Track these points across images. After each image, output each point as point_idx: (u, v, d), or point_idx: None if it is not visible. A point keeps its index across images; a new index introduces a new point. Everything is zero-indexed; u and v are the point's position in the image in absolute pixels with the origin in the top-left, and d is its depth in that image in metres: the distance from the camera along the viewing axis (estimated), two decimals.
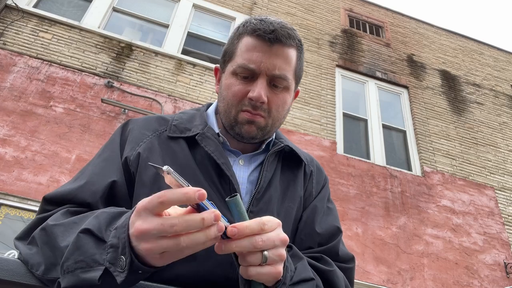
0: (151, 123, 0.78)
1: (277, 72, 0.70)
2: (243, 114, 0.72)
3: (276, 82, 0.72)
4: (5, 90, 4.24)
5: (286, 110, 0.77)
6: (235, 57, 0.74)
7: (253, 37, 0.71)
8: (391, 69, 6.77)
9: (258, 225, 0.49)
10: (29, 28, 4.85)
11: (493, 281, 4.71)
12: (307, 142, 5.20)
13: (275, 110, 0.73)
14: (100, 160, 0.72)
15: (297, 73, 0.77)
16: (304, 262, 0.63)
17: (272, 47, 0.70)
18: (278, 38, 0.70)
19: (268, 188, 0.73)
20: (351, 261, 0.76)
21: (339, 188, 4.89)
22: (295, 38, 0.74)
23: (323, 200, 0.82)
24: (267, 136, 0.76)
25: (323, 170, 0.90)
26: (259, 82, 0.70)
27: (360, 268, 4.28)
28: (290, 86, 0.74)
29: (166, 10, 6.02)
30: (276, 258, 0.50)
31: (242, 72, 0.71)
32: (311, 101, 5.72)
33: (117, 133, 0.77)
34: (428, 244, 4.78)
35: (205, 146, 0.71)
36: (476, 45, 8.11)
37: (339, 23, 7.11)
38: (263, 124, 0.72)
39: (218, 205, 0.61)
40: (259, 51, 0.70)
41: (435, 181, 5.48)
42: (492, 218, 5.37)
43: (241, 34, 0.74)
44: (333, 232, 0.76)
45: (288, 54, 0.72)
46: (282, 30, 0.71)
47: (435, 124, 6.25)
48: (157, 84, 4.98)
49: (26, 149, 3.91)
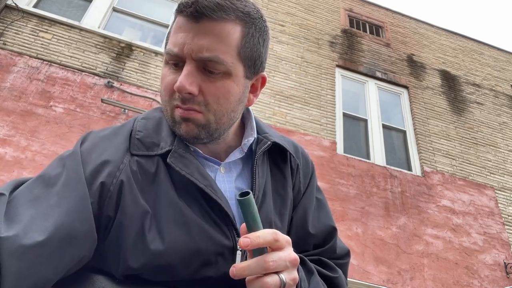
0: (122, 137, 0.60)
1: (205, 54, 0.55)
2: (176, 111, 0.58)
3: (209, 67, 0.56)
4: (5, 90, 4.24)
5: (233, 101, 0.60)
6: (167, 43, 0.60)
7: (179, 15, 0.57)
8: (391, 69, 6.77)
9: (272, 235, 0.46)
10: (29, 28, 4.85)
11: (493, 281, 4.71)
12: (307, 142, 5.20)
13: (214, 102, 0.57)
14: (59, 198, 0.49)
15: (245, 54, 0.59)
16: (316, 278, 0.61)
17: (199, 24, 0.55)
18: (200, 11, 0.54)
19: (264, 198, 0.63)
20: (347, 256, 0.74)
21: (339, 188, 4.89)
22: (234, 9, 0.56)
23: (311, 195, 0.74)
24: (216, 135, 0.61)
25: (309, 157, 0.79)
26: (184, 68, 0.56)
27: (360, 268, 4.29)
28: (231, 71, 0.57)
29: (166, 10, 6.02)
30: (291, 282, 0.47)
31: (170, 59, 0.58)
32: (311, 101, 5.72)
33: (77, 154, 0.55)
34: (428, 244, 4.78)
35: (181, 169, 0.57)
36: (476, 45, 8.11)
37: (339, 23, 7.11)
38: (203, 121, 0.58)
39: (212, 230, 0.56)
40: (183, 30, 0.56)
41: (435, 181, 5.48)
42: (492, 218, 5.37)
43: (174, 15, 0.60)
44: (328, 232, 0.71)
45: (222, 30, 0.55)
46: (208, 1, 0.54)
47: (435, 124, 6.25)
48: (157, 84, 4.98)
49: (26, 149, 3.91)
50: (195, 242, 0.54)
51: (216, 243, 0.55)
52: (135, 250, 0.52)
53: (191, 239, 0.54)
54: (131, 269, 0.52)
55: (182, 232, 0.54)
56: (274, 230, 0.47)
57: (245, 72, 0.60)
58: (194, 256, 0.53)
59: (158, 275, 0.53)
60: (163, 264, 0.52)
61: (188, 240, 0.53)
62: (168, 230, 0.53)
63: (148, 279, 0.53)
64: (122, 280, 0.52)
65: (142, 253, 0.52)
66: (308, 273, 0.60)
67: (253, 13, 0.59)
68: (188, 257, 0.53)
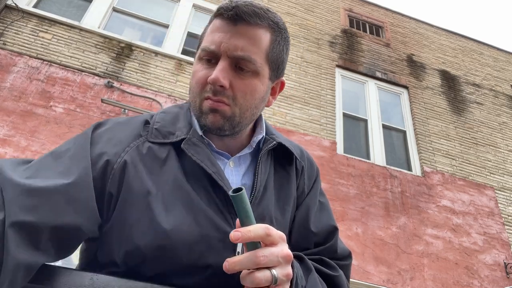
0: (136, 125, 0.67)
1: (240, 53, 0.62)
2: (206, 102, 0.64)
3: (241, 64, 0.63)
4: (5, 90, 4.24)
5: (257, 99, 0.66)
6: (201, 42, 0.68)
7: (218, 18, 0.65)
8: (391, 69, 6.77)
9: (264, 229, 0.46)
10: (29, 28, 4.85)
11: (493, 281, 4.71)
12: (307, 142, 5.20)
13: (241, 97, 0.64)
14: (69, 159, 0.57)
15: (271, 57, 0.66)
16: (314, 275, 0.61)
17: (236, 27, 0.63)
18: (240, 15, 0.62)
19: (264, 192, 0.67)
20: (348, 258, 0.75)
21: (339, 188, 4.89)
22: (267, 18, 0.65)
23: (315, 196, 0.77)
24: (237, 129, 0.67)
25: (314, 162, 0.84)
26: (219, 63, 0.62)
27: (360, 268, 4.29)
28: (260, 71, 0.65)
29: (166, 10, 6.02)
30: (284, 278, 0.47)
31: (205, 55, 0.65)
32: (311, 101, 5.72)
33: (87, 134, 0.63)
34: (428, 244, 4.78)
35: (193, 155, 0.62)
36: (476, 45, 8.12)
37: (339, 23, 7.11)
38: (229, 113, 0.64)
39: (216, 217, 0.59)
40: (221, 31, 0.63)
41: (435, 181, 5.48)
42: (492, 218, 5.37)
43: (211, 18, 0.68)
44: (329, 231, 0.73)
45: (255, 34, 0.64)
46: (247, 7, 0.63)
47: (435, 124, 6.25)
48: (157, 84, 4.98)
49: (26, 149, 3.91)
50: (199, 226, 0.57)
51: (220, 229, 0.58)
52: (141, 226, 0.56)
53: (196, 222, 0.57)
54: (135, 248, 0.55)
55: (188, 215, 0.57)
56: (266, 225, 0.47)
57: (269, 74, 0.68)
58: (198, 239, 0.56)
59: (160, 258, 0.55)
60: (167, 245, 0.55)
61: (193, 223, 0.57)
62: (175, 212, 0.57)
63: (148, 275, 0.55)
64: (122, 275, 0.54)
65: (148, 229, 0.55)
66: (307, 271, 0.60)
67: (280, 23, 0.68)
68: (191, 240, 0.56)
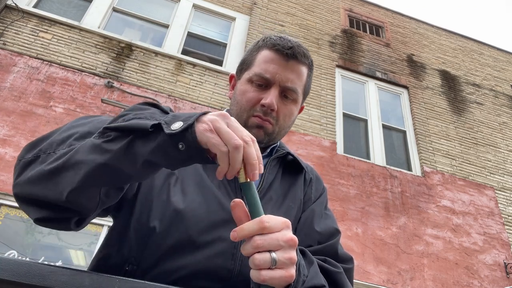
0: None
1: (289, 85, 0.78)
2: (254, 119, 0.78)
3: (287, 93, 0.79)
4: (5, 90, 4.24)
5: (292, 120, 0.83)
6: (252, 66, 0.81)
7: (272, 51, 0.79)
8: (391, 69, 6.77)
9: (258, 224, 0.48)
10: (29, 28, 4.85)
11: (493, 281, 4.71)
12: (307, 142, 5.20)
13: (283, 119, 0.80)
14: None
15: (305, 89, 0.84)
16: (316, 267, 0.63)
17: (288, 62, 0.78)
18: (295, 55, 0.78)
19: (268, 190, 0.77)
20: (350, 262, 0.77)
21: (339, 188, 4.89)
22: (309, 57, 0.82)
23: (321, 206, 0.85)
24: (272, 142, 0.82)
25: (322, 180, 0.95)
26: (272, 91, 0.77)
27: (360, 268, 4.28)
28: (298, 99, 0.82)
29: (166, 10, 6.02)
30: (287, 261, 0.48)
31: (257, 80, 0.78)
32: (311, 101, 5.72)
33: None
34: (428, 244, 4.78)
35: None
36: (476, 45, 8.11)
37: (339, 23, 7.11)
38: (271, 130, 0.78)
39: (225, 201, 0.69)
40: (276, 63, 0.78)
41: (435, 181, 5.48)
42: (492, 218, 5.37)
43: (260, 47, 0.82)
44: (332, 232, 0.78)
45: (301, 70, 0.80)
46: (299, 48, 0.79)
47: (435, 124, 6.25)
48: (157, 84, 4.98)
49: None
50: (207, 206, 0.68)
51: (225, 209, 0.68)
52: (159, 201, 0.67)
53: (205, 202, 0.68)
54: (151, 221, 0.65)
55: (198, 195, 0.69)
56: (260, 220, 0.48)
57: (301, 101, 0.86)
58: (205, 216, 0.67)
59: (172, 232, 0.65)
60: (179, 222, 0.65)
61: (202, 202, 0.68)
62: (189, 190, 0.69)
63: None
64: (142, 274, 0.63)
65: (165, 205, 0.66)
66: (308, 263, 0.63)
67: (312, 61, 0.85)
68: (200, 216, 0.66)
